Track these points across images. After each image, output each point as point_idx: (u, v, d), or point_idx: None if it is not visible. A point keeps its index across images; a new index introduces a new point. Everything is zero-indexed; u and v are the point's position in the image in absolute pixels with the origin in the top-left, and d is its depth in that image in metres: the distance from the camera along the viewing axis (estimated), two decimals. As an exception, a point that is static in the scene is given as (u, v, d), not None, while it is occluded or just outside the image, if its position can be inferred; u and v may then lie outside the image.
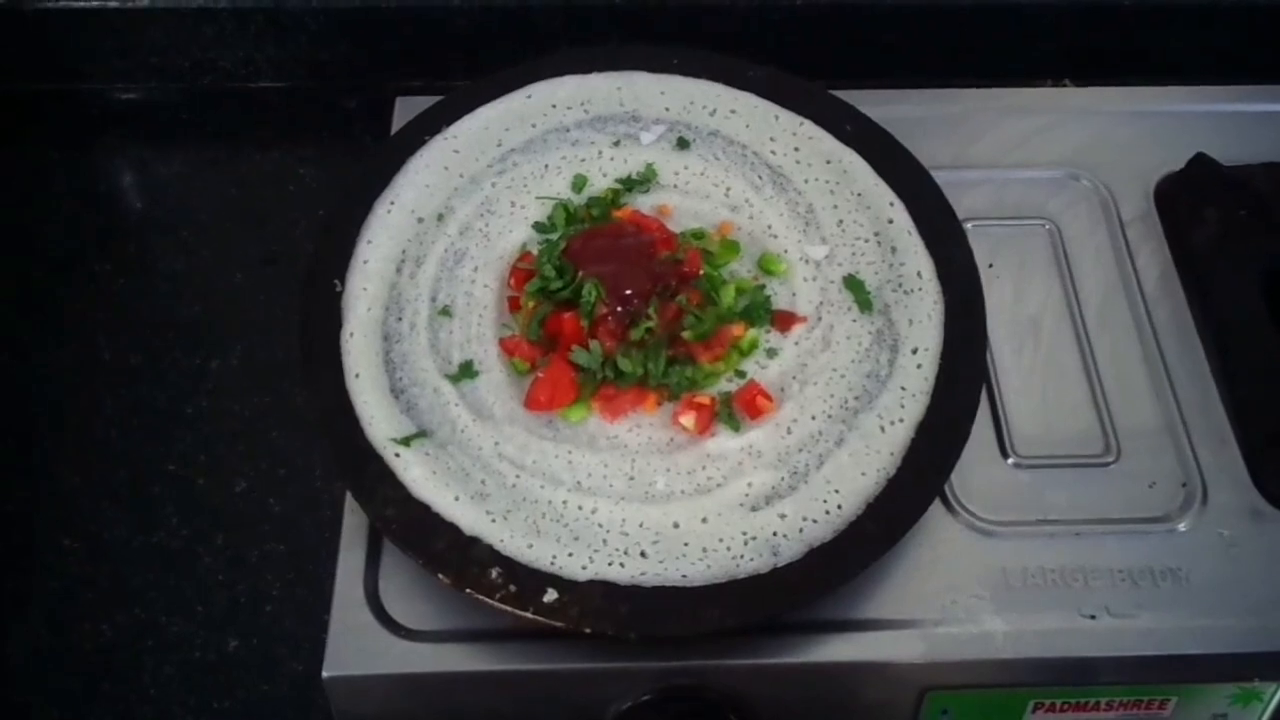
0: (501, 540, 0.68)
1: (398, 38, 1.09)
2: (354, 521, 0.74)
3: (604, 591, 0.67)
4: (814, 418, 0.74)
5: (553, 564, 0.68)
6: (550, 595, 0.67)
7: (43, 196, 1.06)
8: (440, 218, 0.82)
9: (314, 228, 0.83)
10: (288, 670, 0.81)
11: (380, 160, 0.84)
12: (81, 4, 1.07)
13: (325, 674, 0.69)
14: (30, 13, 1.07)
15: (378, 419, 0.72)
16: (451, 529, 0.69)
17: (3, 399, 0.94)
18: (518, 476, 0.71)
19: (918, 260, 0.80)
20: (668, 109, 0.88)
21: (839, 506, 0.70)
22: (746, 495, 0.71)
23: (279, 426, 0.92)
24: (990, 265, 0.85)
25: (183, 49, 1.10)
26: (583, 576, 0.67)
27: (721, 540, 0.69)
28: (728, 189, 0.84)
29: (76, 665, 0.82)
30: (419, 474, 0.70)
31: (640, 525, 0.69)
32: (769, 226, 0.82)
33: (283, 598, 0.84)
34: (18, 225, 1.04)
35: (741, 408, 0.74)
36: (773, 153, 0.85)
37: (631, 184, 0.83)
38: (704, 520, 0.70)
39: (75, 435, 0.92)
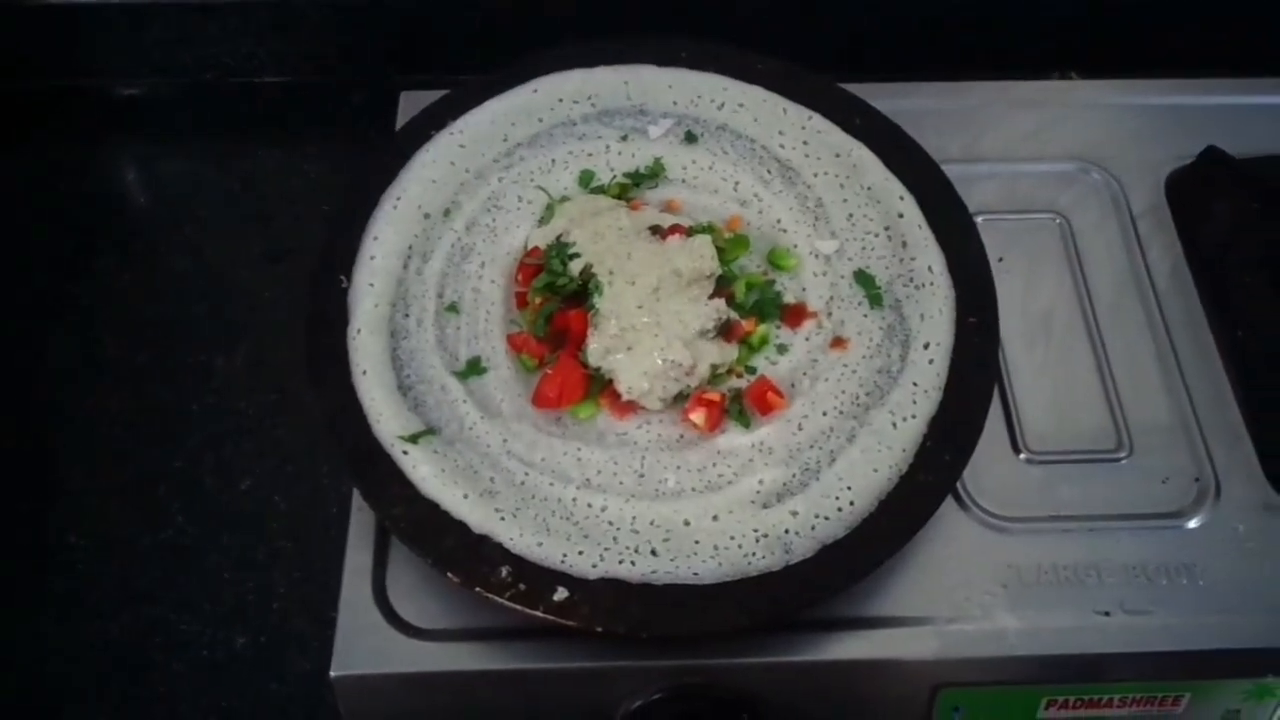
0: (511, 538, 0.68)
1: (401, 32, 1.09)
2: (361, 519, 0.74)
3: (615, 590, 0.67)
4: (825, 414, 0.73)
5: (563, 562, 0.67)
6: (560, 594, 0.66)
7: (46, 194, 1.06)
8: (447, 213, 0.81)
9: (320, 223, 0.83)
10: (296, 668, 0.81)
11: (386, 155, 0.83)
12: (83, 0, 1.06)
13: (333, 673, 0.69)
14: (32, 9, 1.06)
15: (385, 416, 0.72)
16: (460, 527, 0.68)
17: (9, 397, 0.93)
18: (526, 474, 0.70)
19: (929, 255, 0.79)
20: (675, 103, 0.87)
21: (851, 503, 0.70)
22: (758, 492, 0.70)
23: (285, 424, 0.91)
24: (1000, 259, 0.84)
25: (185, 45, 1.10)
26: (593, 575, 0.67)
27: (733, 538, 0.68)
28: (736, 183, 0.83)
29: (85, 663, 0.82)
30: (427, 472, 0.70)
31: (651, 523, 0.69)
32: (778, 221, 0.82)
33: (290, 595, 0.84)
34: (22, 222, 1.04)
35: (752, 404, 0.73)
36: (781, 146, 0.85)
37: (639, 178, 0.83)
38: (715, 518, 0.69)
39: (81, 433, 0.91)
